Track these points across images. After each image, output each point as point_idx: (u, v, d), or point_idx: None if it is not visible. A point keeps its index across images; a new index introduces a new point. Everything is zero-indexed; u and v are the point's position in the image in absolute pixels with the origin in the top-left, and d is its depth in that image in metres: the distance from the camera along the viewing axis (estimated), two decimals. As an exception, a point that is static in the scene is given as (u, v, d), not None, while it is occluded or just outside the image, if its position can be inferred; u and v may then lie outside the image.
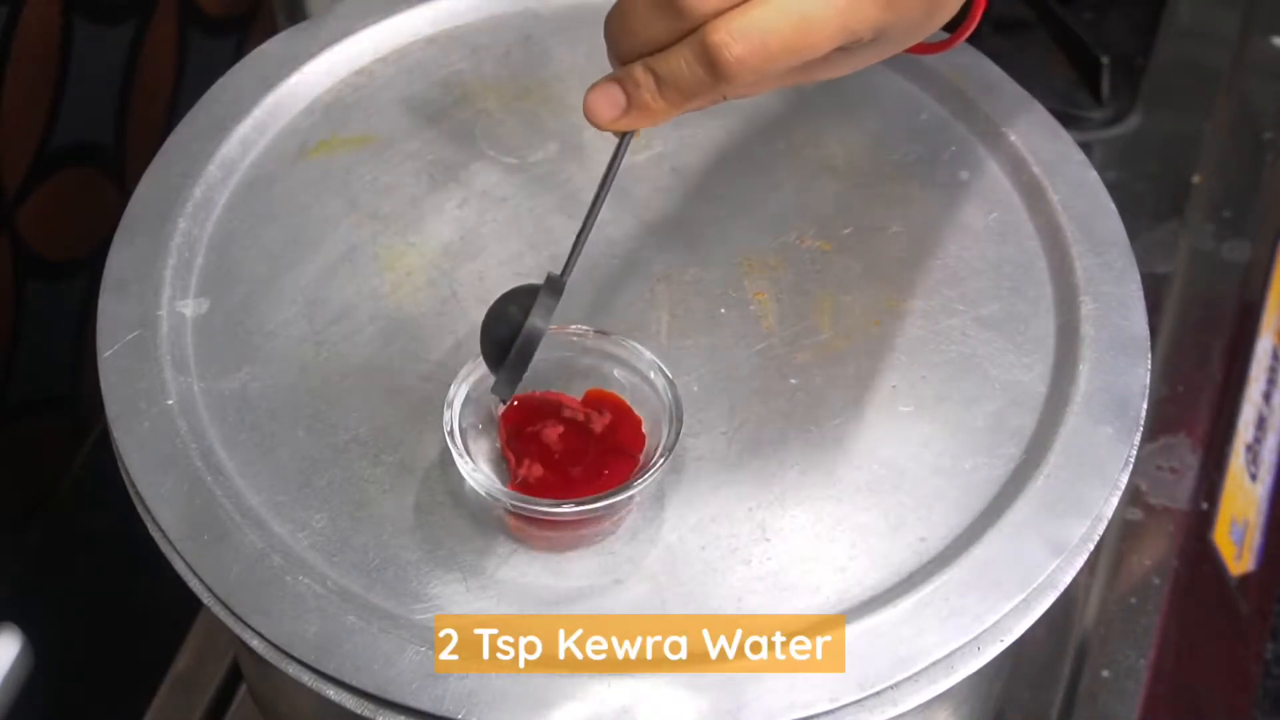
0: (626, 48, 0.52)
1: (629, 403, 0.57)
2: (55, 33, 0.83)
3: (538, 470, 0.56)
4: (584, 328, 0.58)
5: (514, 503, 0.54)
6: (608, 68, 0.70)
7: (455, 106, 0.69)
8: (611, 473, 0.55)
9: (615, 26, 0.52)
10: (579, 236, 0.54)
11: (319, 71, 0.69)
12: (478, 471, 0.55)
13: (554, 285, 0.53)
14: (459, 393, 0.56)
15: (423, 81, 0.70)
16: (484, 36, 0.71)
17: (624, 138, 0.54)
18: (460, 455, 0.55)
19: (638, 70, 0.52)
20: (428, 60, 0.70)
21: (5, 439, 0.89)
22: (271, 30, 1.00)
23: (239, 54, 0.71)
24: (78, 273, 0.90)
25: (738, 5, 0.50)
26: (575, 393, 0.57)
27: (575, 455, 0.56)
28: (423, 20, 0.71)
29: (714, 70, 0.50)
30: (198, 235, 0.64)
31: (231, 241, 0.64)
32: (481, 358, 0.56)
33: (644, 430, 0.56)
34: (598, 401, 0.57)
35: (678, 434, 0.55)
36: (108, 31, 0.88)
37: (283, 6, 1.04)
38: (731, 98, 0.54)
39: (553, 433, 0.56)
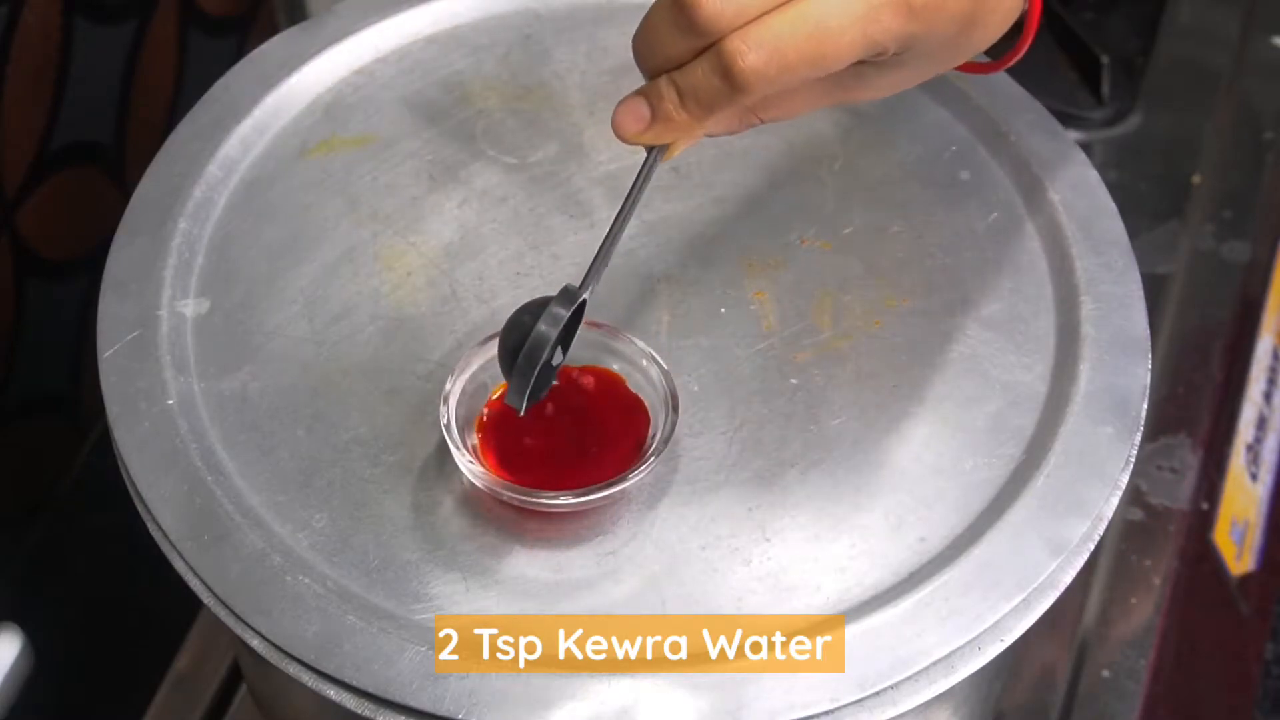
0: (652, 64, 0.53)
1: (625, 396, 0.57)
2: (55, 33, 0.83)
3: (534, 462, 0.56)
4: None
5: (511, 495, 0.54)
6: (607, 68, 0.70)
7: (455, 106, 0.69)
8: (609, 463, 0.55)
9: (641, 43, 0.53)
10: (601, 249, 0.55)
11: (319, 71, 0.69)
12: (475, 464, 0.55)
13: (567, 295, 0.54)
14: (455, 387, 0.56)
15: (423, 81, 0.70)
16: (484, 36, 0.71)
17: (651, 153, 0.55)
18: (457, 449, 0.55)
19: (662, 83, 0.52)
20: (428, 60, 0.70)
21: (5, 439, 0.89)
22: (271, 30, 1.00)
23: (239, 54, 0.71)
24: (78, 273, 0.90)
25: (756, 19, 0.50)
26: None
27: (573, 446, 0.56)
28: (423, 20, 0.71)
29: (730, 79, 0.50)
30: (198, 235, 0.64)
31: (231, 241, 0.64)
32: (478, 351, 0.56)
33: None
34: (596, 384, 0.57)
35: (674, 424, 0.55)
36: (108, 31, 0.88)
37: (283, 6, 1.04)
38: (767, 118, 0.55)
39: (550, 422, 0.56)
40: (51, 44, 0.83)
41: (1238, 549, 0.90)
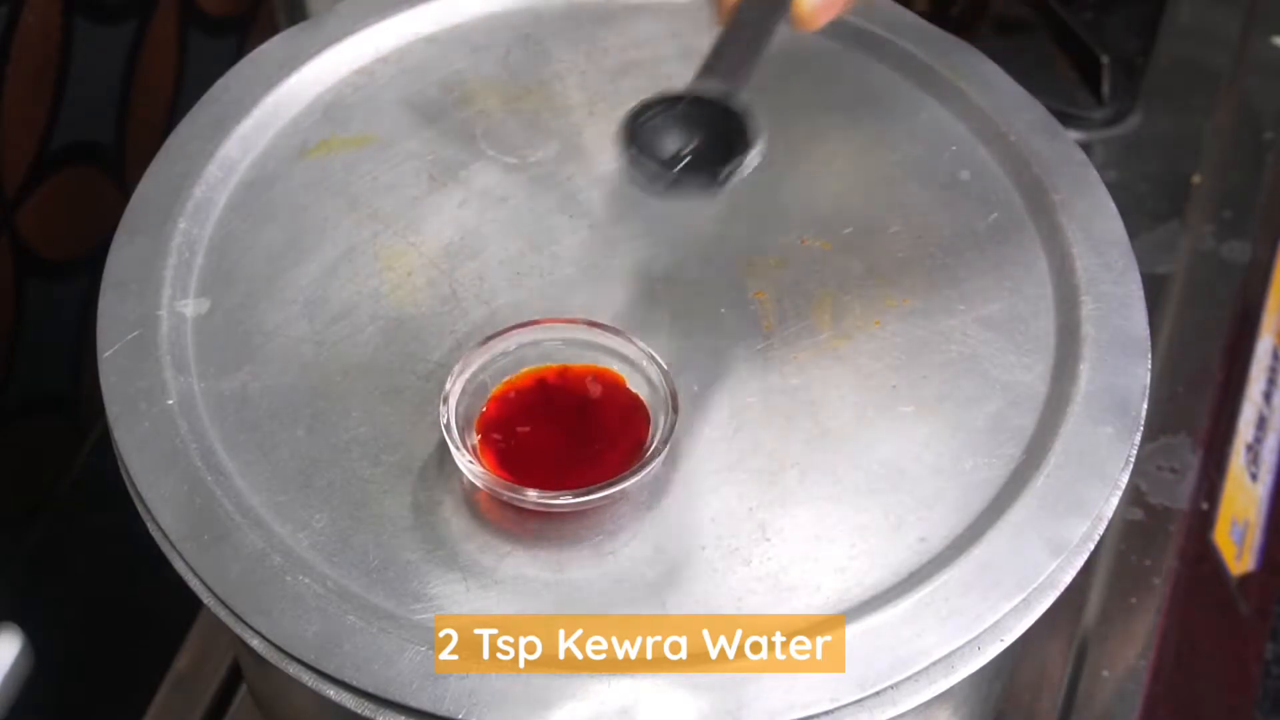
0: None
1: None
2: (55, 33, 0.83)
3: (534, 462, 0.56)
4: (575, 319, 0.58)
5: (511, 495, 0.54)
6: (607, 68, 0.70)
7: (455, 106, 0.69)
8: (609, 463, 0.55)
9: None
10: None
11: (319, 71, 0.69)
12: (475, 464, 0.55)
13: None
14: (455, 387, 0.56)
15: (423, 81, 0.70)
16: (484, 36, 0.71)
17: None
18: (457, 449, 0.55)
19: None
20: (428, 60, 0.70)
21: (5, 439, 0.89)
22: (271, 30, 1.00)
23: (239, 54, 0.71)
24: (78, 273, 0.90)
25: None
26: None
27: (573, 446, 0.56)
28: (423, 20, 0.71)
29: None
30: (198, 235, 0.64)
31: (231, 241, 0.64)
32: (478, 351, 0.57)
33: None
34: (597, 384, 0.57)
35: (674, 424, 0.55)
36: (108, 31, 0.88)
37: (283, 6, 1.04)
38: None
39: (548, 422, 0.56)
40: (51, 44, 0.83)
41: (1238, 549, 0.90)
